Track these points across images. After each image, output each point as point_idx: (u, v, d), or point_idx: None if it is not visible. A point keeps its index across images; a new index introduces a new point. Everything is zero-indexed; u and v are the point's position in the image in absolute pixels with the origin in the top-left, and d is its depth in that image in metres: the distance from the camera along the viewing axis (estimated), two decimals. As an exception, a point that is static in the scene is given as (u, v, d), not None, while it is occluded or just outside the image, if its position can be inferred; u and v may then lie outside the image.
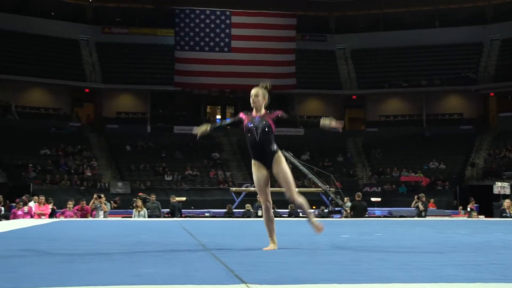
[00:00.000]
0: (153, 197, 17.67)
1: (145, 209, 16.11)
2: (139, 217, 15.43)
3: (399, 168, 31.02)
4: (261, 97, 5.06)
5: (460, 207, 21.59)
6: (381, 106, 36.82)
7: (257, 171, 5.04)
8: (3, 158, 28.88)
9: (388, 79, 35.79)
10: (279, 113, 5.13)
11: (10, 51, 33.58)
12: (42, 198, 16.18)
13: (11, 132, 30.48)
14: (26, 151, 29.83)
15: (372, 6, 37.70)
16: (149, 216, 16.01)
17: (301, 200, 5.16)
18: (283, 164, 5.05)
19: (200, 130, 5.19)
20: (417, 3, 36.67)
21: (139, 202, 16.14)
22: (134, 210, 15.96)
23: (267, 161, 5.03)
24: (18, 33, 34.34)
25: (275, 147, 5.05)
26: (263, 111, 5.10)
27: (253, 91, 5.14)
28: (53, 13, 36.01)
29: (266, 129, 5.02)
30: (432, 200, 20.64)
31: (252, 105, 5.10)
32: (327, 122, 5.04)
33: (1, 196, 17.33)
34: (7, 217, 15.34)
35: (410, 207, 18.34)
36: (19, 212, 15.36)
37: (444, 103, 35.98)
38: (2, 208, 16.64)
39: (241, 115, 5.19)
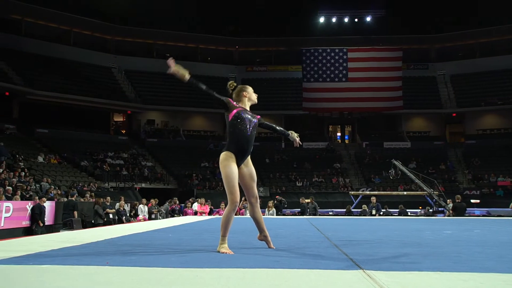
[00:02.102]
0: (310, 199, 19.19)
1: (273, 208, 17.28)
2: (269, 215, 16.45)
3: (496, 174, 31.62)
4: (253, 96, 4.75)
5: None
6: (479, 122, 38.30)
7: (234, 166, 4.43)
8: (174, 169, 32.72)
9: (484, 98, 37.08)
10: (258, 117, 4.72)
11: (181, 89, 37.38)
12: (203, 200, 17.83)
13: (180, 150, 35.03)
14: (191, 164, 32.98)
15: (468, 37, 39.82)
16: (309, 214, 17.48)
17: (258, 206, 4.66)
18: (252, 165, 4.64)
19: (179, 71, 4.36)
20: (508, 32, 38.43)
21: (270, 203, 17.43)
22: (266, 209, 16.96)
23: (243, 159, 4.55)
24: None
25: None
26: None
27: (250, 89, 4.86)
28: (209, 58, 41.45)
29: (255, 127, 4.64)
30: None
31: (250, 101, 4.78)
32: (293, 135, 4.79)
33: (176, 198, 19.75)
34: (179, 214, 17.55)
35: (508, 208, 18.57)
36: (188, 211, 17.40)
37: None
38: (178, 208, 18.64)
39: (231, 100, 4.62)
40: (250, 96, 4.79)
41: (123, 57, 39.69)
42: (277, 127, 5.08)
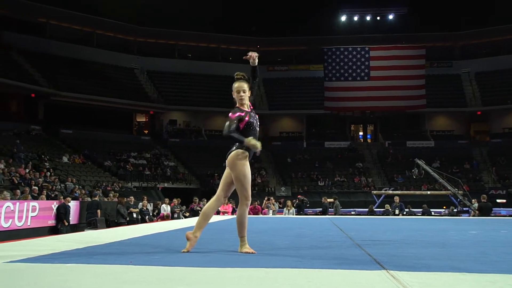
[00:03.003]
0: (334, 198, 19.29)
1: (293, 208, 17.12)
2: (289, 214, 16.47)
3: (523, 173, 30.59)
4: (247, 91, 4.40)
5: None
6: (505, 120, 37.90)
7: (249, 165, 4.34)
8: (196, 169, 33.04)
9: (510, 96, 36.43)
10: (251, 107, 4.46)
11: (202, 89, 38.73)
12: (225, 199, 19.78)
13: (202, 150, 35.08)
14: (212, 164, 32.22)
15: (493, 34, 39.23)
16: (334, 213, 17.49)
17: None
18: None
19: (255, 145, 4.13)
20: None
21: (289, 203, 17.27)
22: (285, 208, 17.08)
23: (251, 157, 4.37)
24: (209, 75, 39.48)
25: None
26: (249, 104, 4.45)
27: (237, 85, 4.40)
28: (230, 58, 41.39)
29: (259, 124, 4.48)
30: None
31: (238, 101, 4.38)
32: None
33: (197, 198, 19.17)
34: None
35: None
36: None
37: None
38: (199, 207, 17.32)
39: (238, 114, 4.30)
40: (240, 97, 4.48)
41: (146, 58, 40.05)
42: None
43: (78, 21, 37.18)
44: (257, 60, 4.51)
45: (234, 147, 4.40)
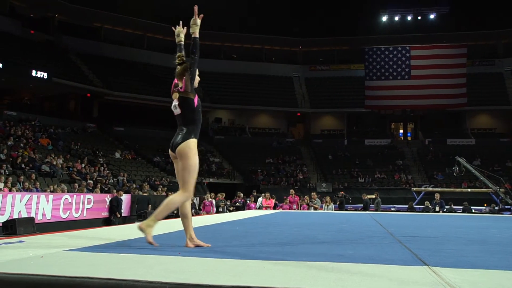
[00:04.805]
0: (375, 194, 19.35)
1: (332, 204, 17.02)
2: (328, 210, 16.39)
3: None
4: None
5: None
6: None
7: None
8: (240, 165, 33.24)
9: None
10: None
11: (246, 88, 39.27)
12: (268, 194, 17.59)
13: (246, 147, 35.60)
14: (256, 160, 33.56)
15: None
16: (375, 210, 17.33)
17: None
18: None
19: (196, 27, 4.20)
20: None
21: (328, 198, 17.11)
22: (324, 204, 16.82)
23: None
24: (253, 75, 39.94)
25: None
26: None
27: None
28: (273, 58, 41.77)
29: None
30: None
31: (195, 86, 4.15)
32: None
33: (241, 193, 19.72)
34: (244, 208, 17.61)
35: None
36: (252, 204, 17.46)
37: None
38: (242, 202, 18.66)
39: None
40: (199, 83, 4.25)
41: (193, 59, 40.56)
42: None
43: (130, 25, 38.25)
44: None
45: (182, 135, 4.09)
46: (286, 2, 40.42)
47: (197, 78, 4.31)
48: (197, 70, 4.22)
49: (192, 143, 4.04)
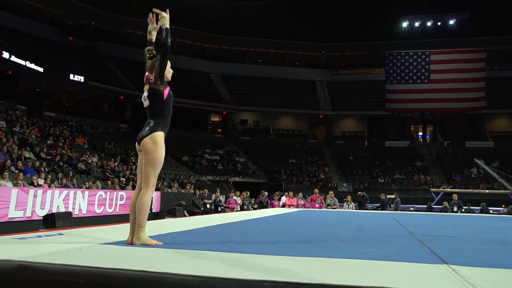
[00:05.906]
0: (395, 194, 19.22)
1: (352, 203, 16.74)
2: (348, 209, 16.16)
3: None
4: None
5: None
6: None
7: None
8: (264, 165, 33.10)
9: None
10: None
11: (270, 91, 39.13)
12: (291, 193, 17.43)
13: (270, 147, 35.43)
14: (280, 161, 33.44)
15: None
16: (394, 209, 17.13)
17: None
18: None
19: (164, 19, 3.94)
20: None
21: (349, 198, 16.83)
22: (345, 203, 16.63)
23: None
24: (277, 79, 39.98)
25: None
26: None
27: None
28: (297, 63, 41.59)
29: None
30: None
31: (168, 79, 4.01)
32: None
33: (265, 192, 19.69)
34: (267, 206, 17.58)
35: None
36: (276, 203, 17.53)
37: None
38: (266, 200, 18.53)
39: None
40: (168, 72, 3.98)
41: (220, 63, 40.97)
42: None
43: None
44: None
45: (148, 128, 3.97)
46: (309, 10, 39.93)
47: (170, 71, 4.07)
48: (169, 62, 4.01)
49: (159, 136, 3.86)
